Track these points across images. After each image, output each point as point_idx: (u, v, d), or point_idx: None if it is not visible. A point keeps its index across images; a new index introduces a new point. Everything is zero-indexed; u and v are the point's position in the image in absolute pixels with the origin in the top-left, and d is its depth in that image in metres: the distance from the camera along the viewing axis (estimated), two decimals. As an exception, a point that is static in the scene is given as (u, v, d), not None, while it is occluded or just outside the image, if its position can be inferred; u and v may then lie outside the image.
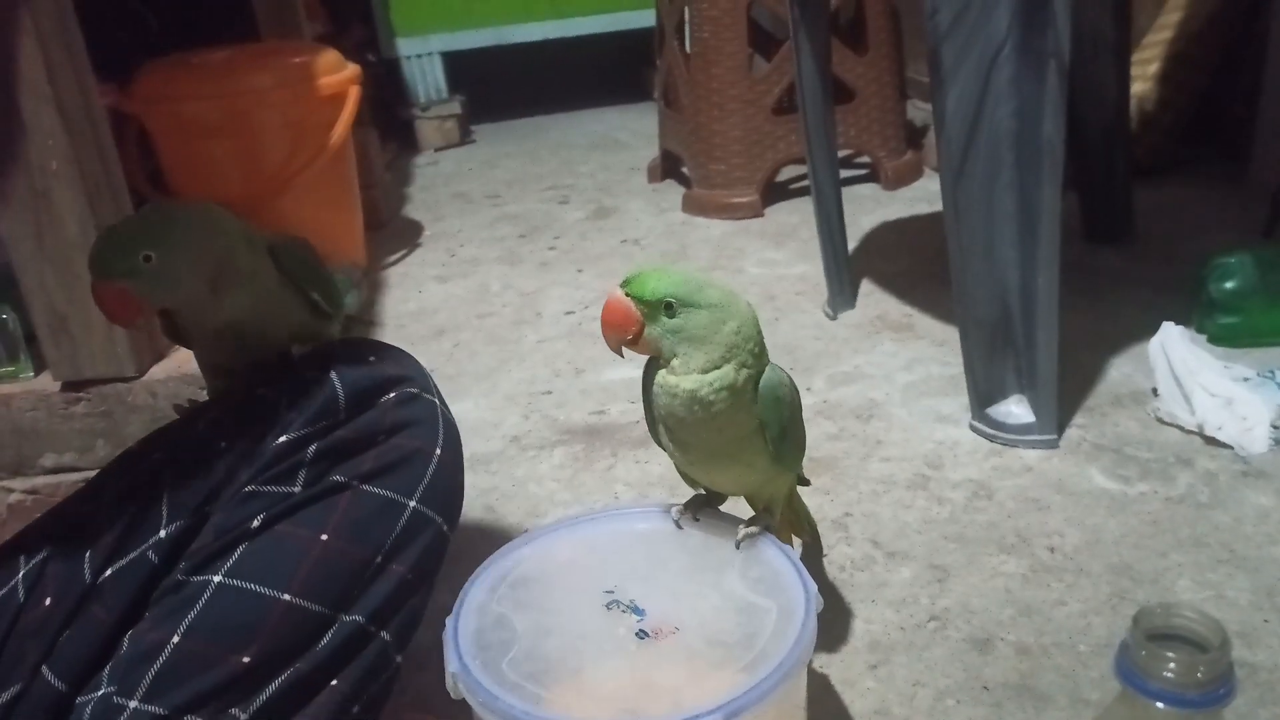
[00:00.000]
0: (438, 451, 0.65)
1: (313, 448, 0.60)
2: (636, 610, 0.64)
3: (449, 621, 0.63)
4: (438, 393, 0.68)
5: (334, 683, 0.59)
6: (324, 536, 0.59)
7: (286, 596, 0.57)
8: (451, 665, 0.60)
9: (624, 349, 0.64)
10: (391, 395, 0.64)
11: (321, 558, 0.59)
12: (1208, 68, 1.83)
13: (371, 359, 0.65)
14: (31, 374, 1.16)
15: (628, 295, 0.62)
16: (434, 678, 0.62)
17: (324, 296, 0.72)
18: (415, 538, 0.63)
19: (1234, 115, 1.82)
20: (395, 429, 0.63)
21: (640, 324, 0.62)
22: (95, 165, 1.08)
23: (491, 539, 1.00)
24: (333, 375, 0.62)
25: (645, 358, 0.65)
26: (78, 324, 1.09)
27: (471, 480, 1.13)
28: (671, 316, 0.62)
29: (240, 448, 0.61)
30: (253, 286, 0.67)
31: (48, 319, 1.10)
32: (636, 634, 0.62)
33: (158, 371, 1.13)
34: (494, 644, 0.61)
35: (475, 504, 1.08)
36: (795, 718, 0.64)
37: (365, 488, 0.61)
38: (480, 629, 0.62)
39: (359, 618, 0.59)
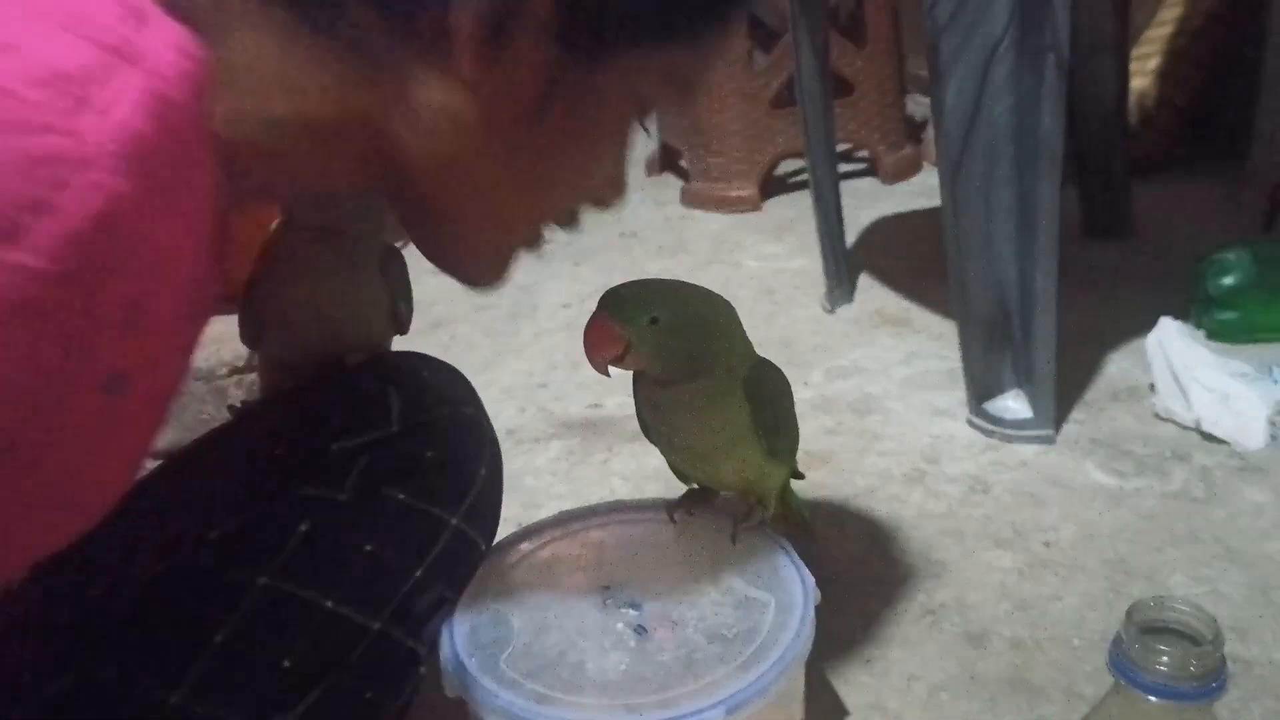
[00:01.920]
0: (482, 472, 0.65)
1: (364, 459, 0.61)
2: (634, 605, 0.64)
3: (444, 619, 0.63)
4: (484, 412, 0.69)
5: (371, 697, 0.59)
6: (369, 546, 0.59)
7: (329, 603, 0.57)
8: (448, 663, 0.60)
9: (611, 368, 0.64)
10: (444, 413, 0.65)
11: (365, 567, 0.59)
12: (1207, 64, 1.83)
13: (425, 374, 0.67)
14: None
15: (609, 316, 0.61)
16: (429, 674, 0.62)
17: (407, 308, 0.75)
18: (455, 555, 0.63)
19: (1233, 111, 1.82)
20: (444, 447, 0.64)
21: (625, 343, 0.62)
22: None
23: (488, 532, 1.00)
24: (389, 389, 0.64)
25: None
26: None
27: (468, 473, 1.14)
28: (657, 331, 0.61)
29: (294, 453, 0.62)
30: (358, 275, 0.69)
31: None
32: (634, 629, 0.62)
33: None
34: (490, 641, 0.61)
35: (472, 497, 1.08)
36: (794, 711, 0.64)
37: (412, 502, 0.61)
38: (476, 626, 0.62)
39: (395, 631, 0.60)
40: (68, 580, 0.60)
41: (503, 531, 0.71)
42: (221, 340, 1.05)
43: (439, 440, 0.64)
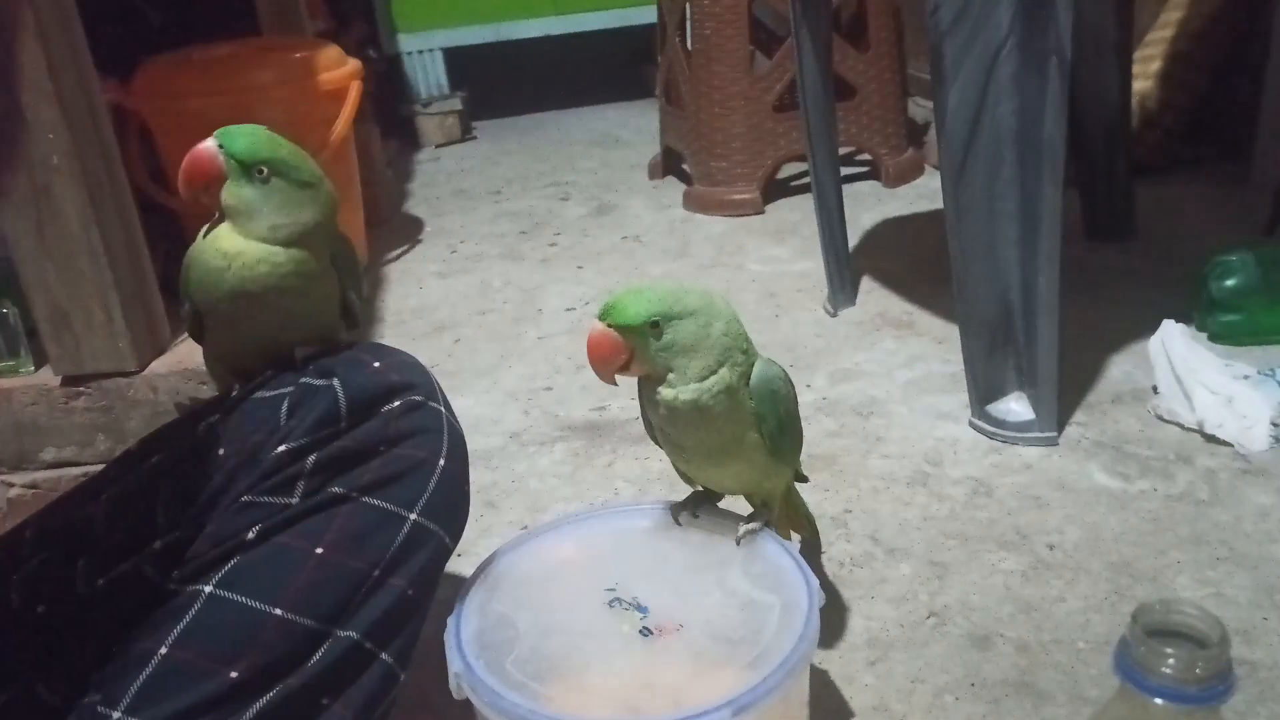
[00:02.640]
0: (441, 462, 0.63)
1: (312, 458, 0.59)
2: (639, 608, 0.64)
3: (450, 621, 0.63)
4: (444, 400, 0.67)
5: (330, 703, 0.57)
6: (319, 549, 0.57)
7: (278, 610, 0.56)
8: (455, 665, 0.60)
9: (617, 377, 0.64)
10: (396, 404, 0.63)
11: (316, 571, 0.57)
12: (1209, 66, 1.83)
13: (376, 365, 0.64)
14: (32, 368, 1.16)
15: (609, 326, 0.62)
16: (433, 676, 0.62)
17: (358, 302, 0.73)
18: (416, 551, 0.61)
19: (1235, 114, 1.82)
20: (398, 439, 0.62)
21: (628, 351, 0.62)
22: (97, 161, 1.08)
23: (491, 536, 1.00)
24: (335, 383, 0.61)
25: None
26: (79, 319, 1.09)
27: (472, 476, 1.13)
28: (659, 336, 0.62)
29: (239, 455, 0.60)
30: (307, 256, 0.67)
31: (49, 314, 1.10)
32: (640, 631, 0.62)
33: (158, 366, 1.13)
34: (497, 643, 0.61)
35: (475, 500, 1.08)
36: (799, 713, 0.64)
37: (365, 499, 0.60)
38: (482, 629, 0.63)
39: (354, 634, 0.57)
40: (7, 594, 0.59)
41: (508, 534, 0.71)
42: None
43: (392, 433, 0.61)
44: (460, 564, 0.97)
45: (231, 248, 0.64)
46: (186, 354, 1.13)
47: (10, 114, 1.02)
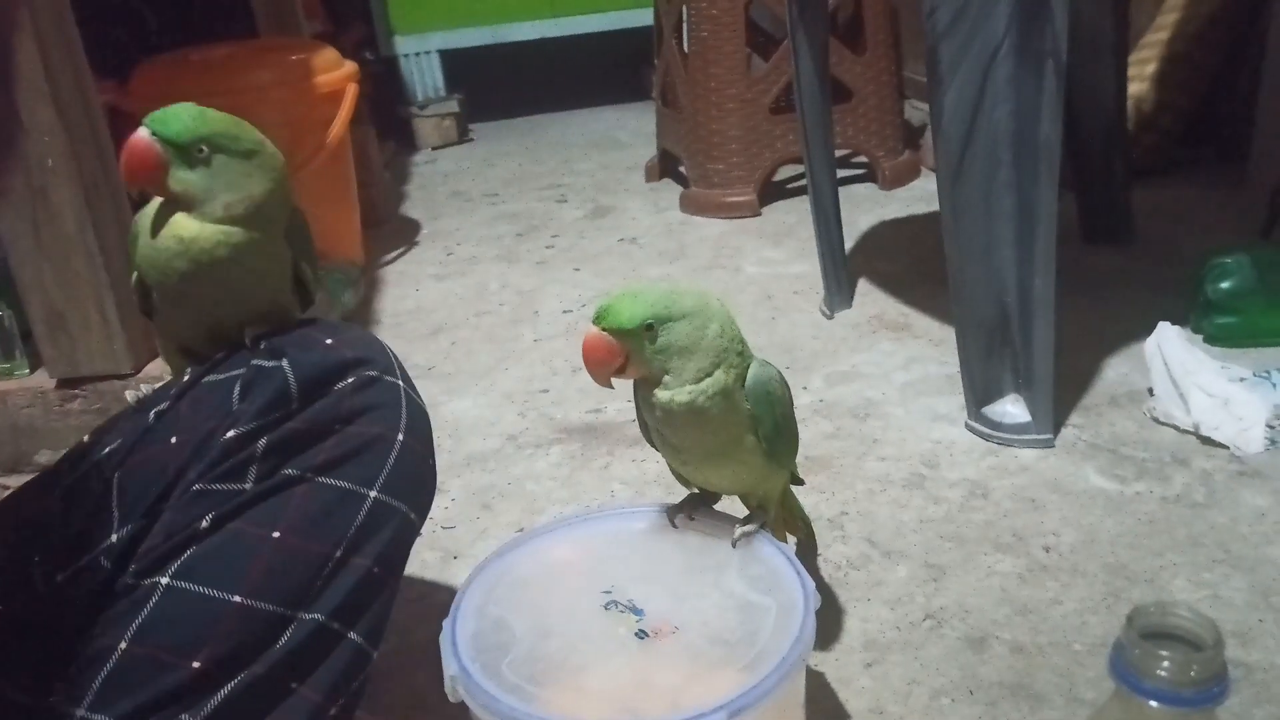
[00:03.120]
0: (400, 437, 0.61)
1: (263, 441, 0.58)
2: (635, 610, 0.64)
3: (446, 624, 0.63)
4: (403, 374, 0.65)
5: (298, 687, 0.56)
6: (276, 533, 0.56)
7: (237, 598, 0.55)
8: (450, 668, 0.59)
9: (613, 380, 0.64)
10: (349, 380, 0.61)
11: (274, 555, 0.56)
12: (1206, 69, 1.83)
13: (328, 342, 0.62)
14: (27, 371, 1.16)
15: (604, 329, 0.61)
16: (430, 678, 0.62)
17: (311, 275, 0.70)
18: (378, 529, 0.60)
19: (1232, 116, 1.83)
20: (353, 416, 0.60)
21: (624, 354, 0.62)
22: (93, 163, 1.08)
23: (488, 538, 1.00)
24: (284, 363, 0.60)
25: None
26: (75, 321, 1.09)
27: (468, 478, 1.14)
28: (654, 338, 0.61)
29: (190, 443, 0.59)
30: (260, 234, 0.64)
31: (44, 316, 1.10)
32: (636, 634, 0.62)
33: (153, 369, 1.13)
34: (493, 646, 0.61)
35: (471, 502, 1.08)
36: (795, 715, 0.64)
37: (321, 480, 0.58)
38: (478, 631, 0.62)
39: (318, 615, 0.57)
40: None
41: (504, 537, 0.71)
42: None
43: (346, 411, 0.60)
44: (456, 566, 0.97)
45: (187, 233, 0.62)
46: (182, 356, 1.13)
47: (6, 116, 1.02)
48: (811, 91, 1.40)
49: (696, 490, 0.74)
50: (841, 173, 1.92)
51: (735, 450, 0.67)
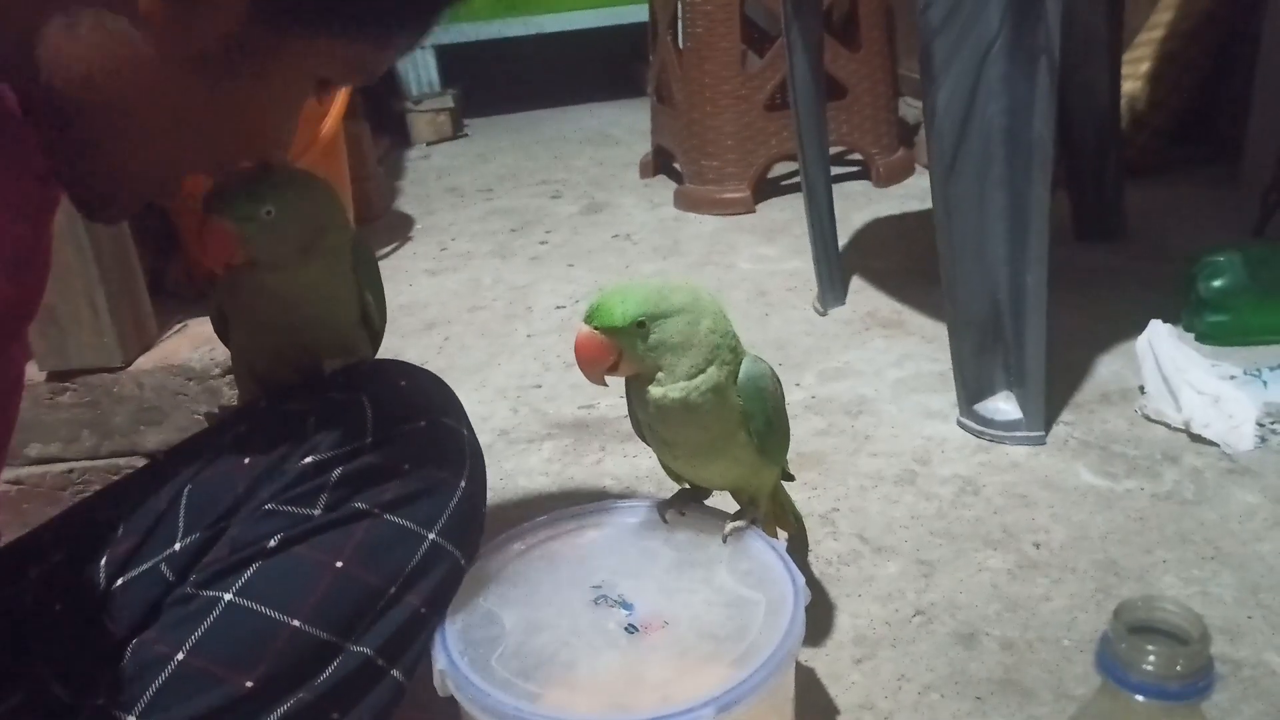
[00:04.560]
0: (462, 484, 0.63)
1: (337, 471, 0.59)
2: (625, 605, 0.64)
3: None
4: (467, 422, 0.67)
5: (338, 717, 0.57)
6: (339, 563, 0.58)
7: (296, 622, 0.56)
8: (439, 662, 0.59)
9: (606, 377, 0.64)
10: (421, 424, 0.62)
11: (334, 584, 0.57)
12: (1199, 67, 1.83)
13: (403, 383, 0.64)
14: (19, 365, 1.15)
15: (595, 328, 0.61)
16: (420, 672, 0.62)
17: (378, 305, 0.72)
18: (431, 570, 0.61)
19: (1225, 115, 1.83)
20: (422, 459, 0.62)
21: (617, 352, 0.62)
22: (84, 155, 1.07)
23: (480, 532, 1.00)
24: (364, 398, 0.61)
25: None
26: (65, 314, 1.09)
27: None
28: (646, 336, 0.61)
29: (265, 465, 0.60)
30: (329, 265, 0.66)
31: (35, 309, 1.09)
32: (626, 628, 0.62)
33: (144, 362, 1.12)
34: (482, 640, 0.61)
35: (464, 497, 1.08)
36: (785, 710, 0.64)
37: (386, 516, 0.60)
38: (468, 625, 0.62)
39: (366, 650, 0.58)
40: (19, 595, 0.59)
41: (495, 532, 0.71)
42: (214, 340, 1.05)
43: (416, 452, 0.61)
44: (448, 561, 0.97)
45: (270, 282, 0.65)
46: (172, 350, 1.13)
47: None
48: (806, 88, 1.40)
49: (688, 486, 0.74)
50: (836, 170, 1.92)
51: (727, 446, 0.67)
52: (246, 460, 0.61)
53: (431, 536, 0.61)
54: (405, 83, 2.81)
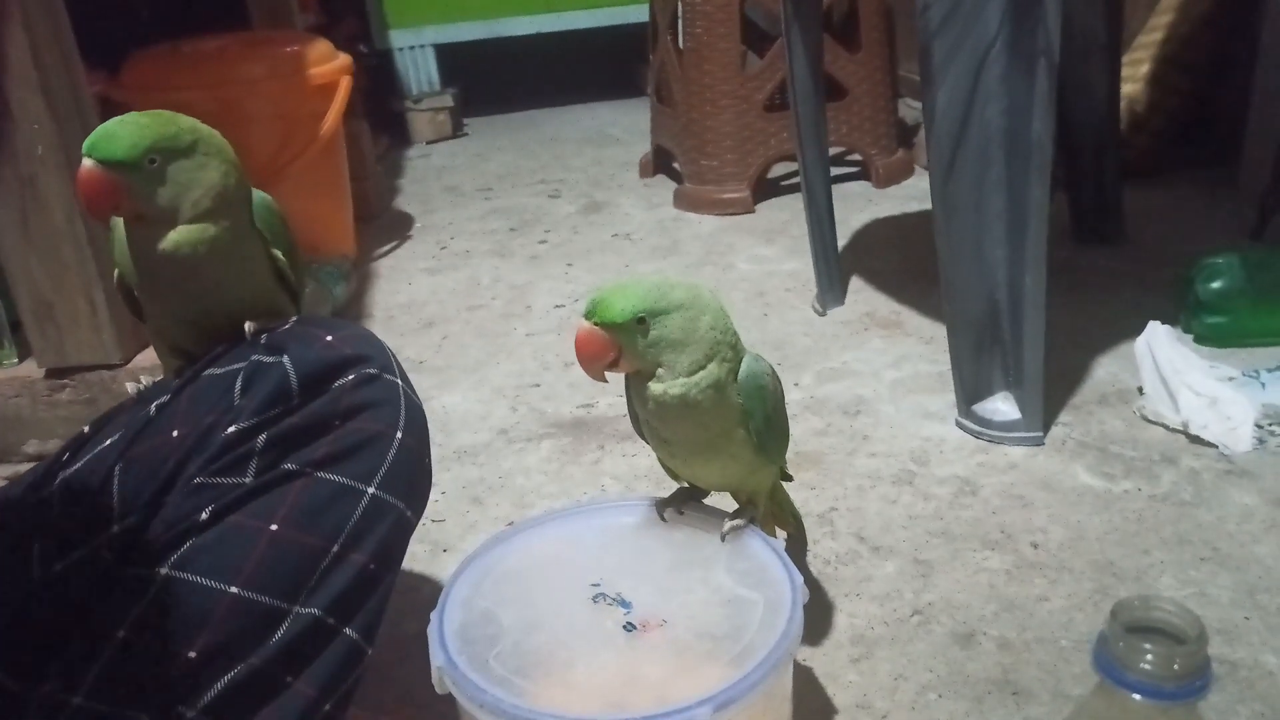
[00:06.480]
0: (398, 435, 0.62)
1: (263, 436, 0.58)
2: (623, 603, 0.64)
3: (434, 616, 0.63)
4: (401, 372, 0.65)
5: (292, 681, 0.56)
6: (274, 526, 0.57)
7: (234, 589, 0.55)
8: (437, 660, 0.60)
9: (606, 374, 0.63)
10: (349, 377, 0.61)
11: (271, 548, 0.57)
12: (1198, 70, 1.84)
13: (328, 339, 0.62)
14: (15, 360, 1.15)
15: (596, 324, 0.61)
16: (418, 670, 0.62)
17: (291, 265, 0.69)
18: (375, 525, 0.60)
19: (1224, 118, 1.83)
20: (352, 412, 0.60)
21: (617, 348, 0.62)
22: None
23: (477, 531, 1.00)
24: (285, 359, 0.60)
25: None
26: (63, 311, 1.09)
27: (458, 472, 1.14)
28: (646, 332, 0.61)
29: (191, 436, 0.59)
30: (231, 222, 0.63)
31: (33, 306, 1.09)
32: (624, 627, 0.62)
33: (142, 359, 1.13)
34: (480, 638, 0.61)
35: (461, 496, 1.08)
36: (782, 710, 0.64)
37: (319, 475, 0.59)
38: (466, 623, 0.62)
39: (314, 610, 0.57)
40: None
41: (494, 530, 0.71)
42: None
43: (346, 407, 0.60)
44: (445, 559, 0.97)
45: (167, 244, 0.61)
46: (172, 347, 1.13)
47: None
48: (806, 89, 1.41)
49: (686, 484, 0.74)
50: (835, 170, 1.92)
51: (726, 444, 0.67)
52: (175, 433, 0.60)
53: (371, 490, 0.60)
54: (405, 82, 2.81)
